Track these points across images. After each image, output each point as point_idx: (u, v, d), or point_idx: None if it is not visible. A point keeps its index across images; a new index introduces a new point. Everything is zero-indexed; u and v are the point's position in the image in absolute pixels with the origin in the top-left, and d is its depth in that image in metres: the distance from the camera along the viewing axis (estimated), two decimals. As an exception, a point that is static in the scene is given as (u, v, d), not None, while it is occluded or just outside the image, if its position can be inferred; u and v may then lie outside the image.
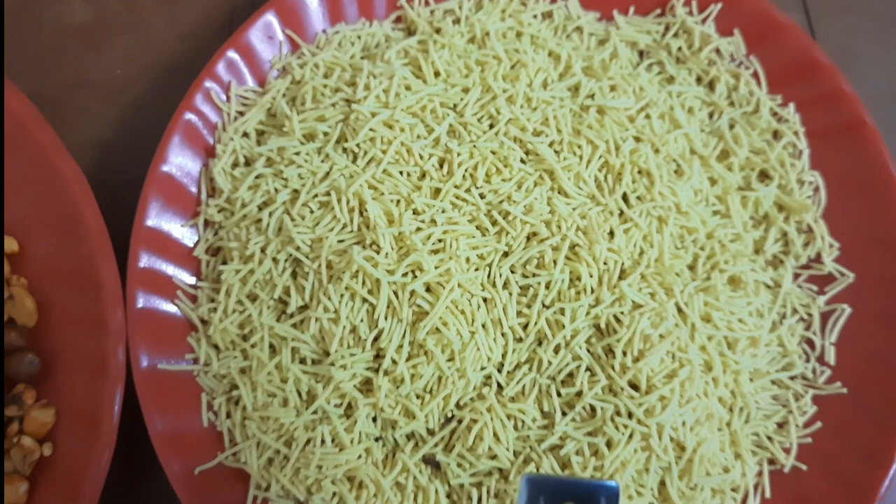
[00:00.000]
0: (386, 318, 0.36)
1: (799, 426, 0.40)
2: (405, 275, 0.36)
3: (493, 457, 0.36)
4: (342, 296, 0.36)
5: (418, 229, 0.37)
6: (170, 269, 0.39)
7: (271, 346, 0.37)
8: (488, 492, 0.36)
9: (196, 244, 0.40)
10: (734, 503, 0.39)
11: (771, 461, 0.40)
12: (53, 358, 0.38)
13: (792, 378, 0.41)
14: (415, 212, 0.38)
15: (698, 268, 0.41)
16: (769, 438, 0.40)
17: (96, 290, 0.37)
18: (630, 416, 0.36)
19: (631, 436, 0.36)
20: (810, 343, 0.42)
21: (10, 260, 0.39)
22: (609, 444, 0.36)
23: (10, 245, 0.39)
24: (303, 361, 0.37)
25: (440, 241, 0.37)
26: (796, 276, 0.43)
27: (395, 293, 0.36)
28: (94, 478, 0.35)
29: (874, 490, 0.38)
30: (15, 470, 0.36)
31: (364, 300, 0.36)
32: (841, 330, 0.42)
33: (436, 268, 0.36)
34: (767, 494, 0.39)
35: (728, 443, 0.39)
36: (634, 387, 0.37)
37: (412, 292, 0.36)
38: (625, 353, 0.37)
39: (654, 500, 0.37)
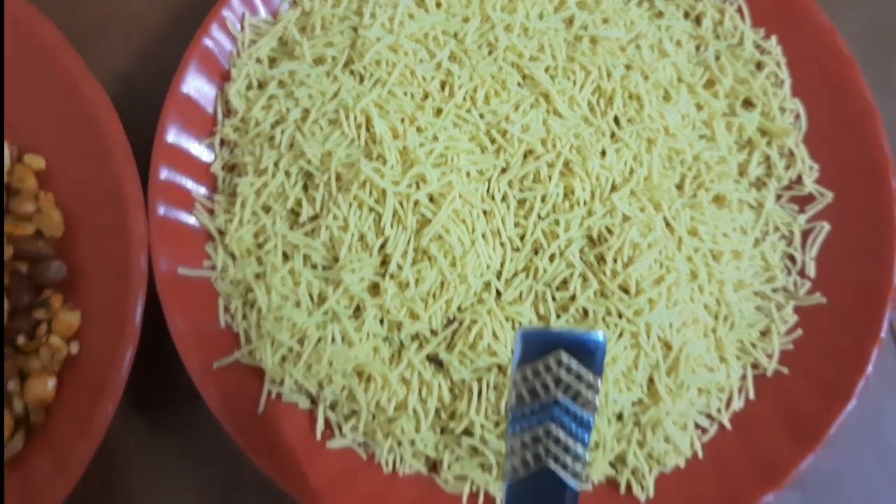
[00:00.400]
0: (392, 226, 0.39)
1: (781, 334, 0.43)
2: (409, 186, 0.39)
3: (493, 354, 0.38)
4: (350, 205, 0.39)
5: (421, 145, 0.40)
6: (188, 184, 0.41)
7: (284, 253, 0.40)
8: (488, 385, 0.38)
9: (213, 161, 0.42)
10: (720, 402, 0.41)
11: (754, 366, 0.42)
12: (80, 266, 0.40)
13: (774, 290, 0.44)
14: (418, 129, 0.40)
15: (685, 187, 0.43)
16: (753, 345, 0.43)
17: (120, 203, 0.39)
18: (620, 316, 0.39)
19: (621, 334, 0.39)
20: (791, 259, 0.44)
21: (38, 177, 0.41)
22: (601, 342, 0.39)
23: (38, 163, 0.41)
24: (314, 267, 0.40)
25: (442, 156, 0.40)
26: (778, 196, 0.45)
27: (401, 202, 0.39)
28: (118, 373, 0.37)
29: (850, 390, 0.40)
30: (44, 367, 0.38)
31: (371, 209, 0.39)
32: (820, 246, 0.44)
33: (438, 180, 0.39)
34: (751, 396, 0.42)
35: (713, 347, 0.41)
36: (625, 290, 0.39)
37: (416, 202, 0.39)
38: (615, 260, 0.39)
39: (644, 395, 0.40)
